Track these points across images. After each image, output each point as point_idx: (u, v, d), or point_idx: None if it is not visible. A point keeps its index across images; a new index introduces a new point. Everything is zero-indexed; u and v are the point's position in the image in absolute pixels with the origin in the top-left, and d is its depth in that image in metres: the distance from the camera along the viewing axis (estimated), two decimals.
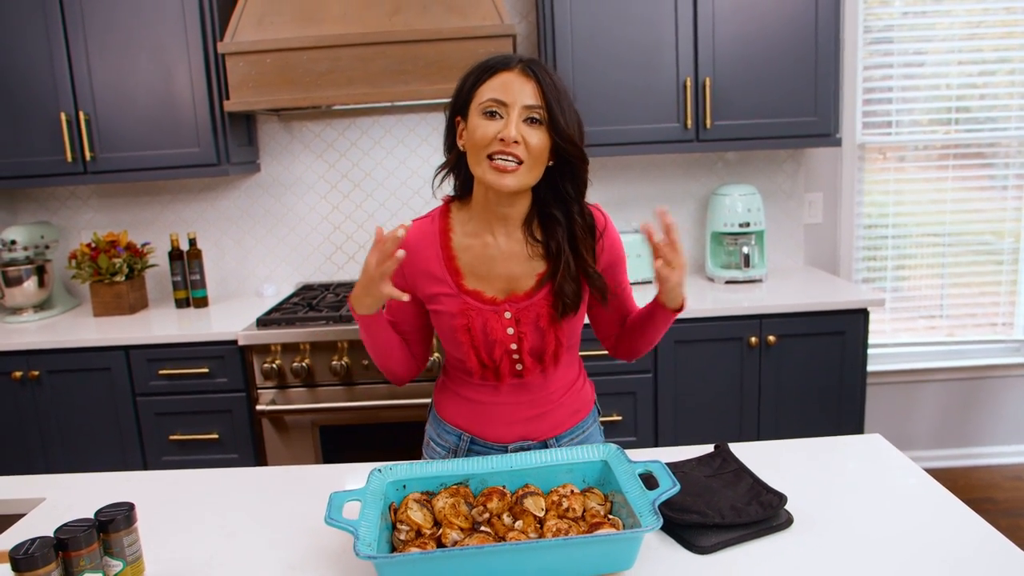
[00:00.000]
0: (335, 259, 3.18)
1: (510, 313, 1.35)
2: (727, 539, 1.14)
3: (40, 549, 1.01)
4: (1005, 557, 1.09)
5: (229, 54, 2.56)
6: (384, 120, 3.07)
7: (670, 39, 2.68)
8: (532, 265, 1.37)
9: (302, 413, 2.56)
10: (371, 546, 1.03)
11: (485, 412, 1.44)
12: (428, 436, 1.57)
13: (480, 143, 1.25)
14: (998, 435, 3.38)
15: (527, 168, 1.25)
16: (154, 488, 1.45)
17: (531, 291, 1.36)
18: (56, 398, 2.61)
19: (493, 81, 1.26)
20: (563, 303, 1.33)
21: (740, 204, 2.89)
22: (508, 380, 1.40)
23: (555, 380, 1.45)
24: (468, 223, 1.37)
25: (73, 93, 2.69)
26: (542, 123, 1.25)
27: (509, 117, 1.23)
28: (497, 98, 1.24)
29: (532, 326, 1.35)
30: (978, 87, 3.18)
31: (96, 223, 3.14)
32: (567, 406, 1.48)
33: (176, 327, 2.68)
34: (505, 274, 1.36)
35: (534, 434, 1.45)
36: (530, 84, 1.25)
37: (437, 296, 1.37)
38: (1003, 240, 3.29)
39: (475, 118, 1.26)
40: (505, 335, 1.35)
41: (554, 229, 1.34)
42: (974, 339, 3.34)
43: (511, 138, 1.22)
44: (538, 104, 1.24)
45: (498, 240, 1.36)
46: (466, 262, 1.36)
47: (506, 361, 1.37)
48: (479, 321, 1.34)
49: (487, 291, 1.36)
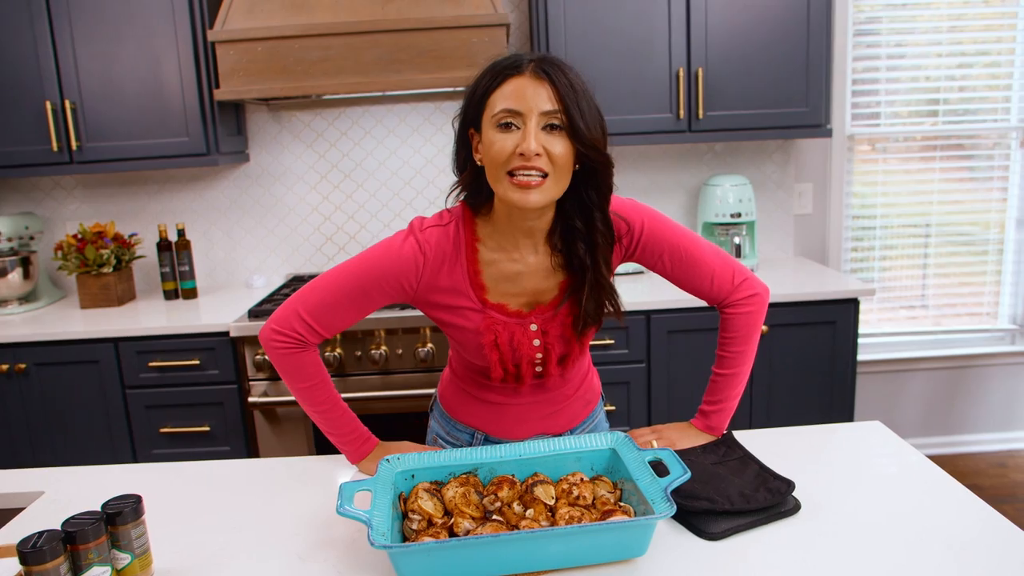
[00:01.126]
0: (325, 250, 3.16)
1: (536, 325, 1.30)
2: (736, 525, 1.15)
3: (48, 542, 0.99)
4: (1008, 539, 1.11)
5: (219, 42, 2.52)
6: (375, 110, 3.05)
7: (663, 29, 2.68)
8: (555, 277, 1.30)
9: (295, 405, 2.54)
10: (385, 535, 1.02)
11: (502, 412, 1.43)
12: (435, 433, 1.55)
13: (498, 159, 1.14)
14: (983, 423, 3.44)
15: (553, 180, 1.15)
16: (155, 480, 1.44)
17: (555, 301, 1.31)
18: (44, 391, 2.57)
19: (504, 88, 1.15)
20: (585, 321, 1.28)
21: (731, 195, 2.90)
22: (528, 382, 1.38)
23: (572, 378, 1.44)
24: (492, 237, 1.28)
25: (59, 81, 2.64)
26: (563, 128, 1.14)
27: (526, 128, 1.12)
28: (511, 108, 1.13)
29: (559, 337, 1.31)
30: (962, 79, 3.22)
31: (82, 214, 3.10)
32: (580, 399, 1.48)
33: (165, 319, 2.65)
34: (530, 288, 1.30)
35: (550, 429, 1.46)
36: (544, 87, 1.13)
37: (459, 310, 1.29)
38: (988, 231, 3.34)
39: (489, 132, 1.16)
40: (531, 347, 1.31)
41: (575, 242, 1.25)
42: (959, 328, 3.39)
43: (532, 151, 1.12)
44: (556, 108, 1.13)
45: (524, 255, 1.28)
46: (491, 276, 1.28)
47: (529, 370, 1.35)
48: (506, 335, 1.28)
49: (511, 304, 1.30)
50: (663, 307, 2.57)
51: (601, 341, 2.58)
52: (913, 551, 1.09)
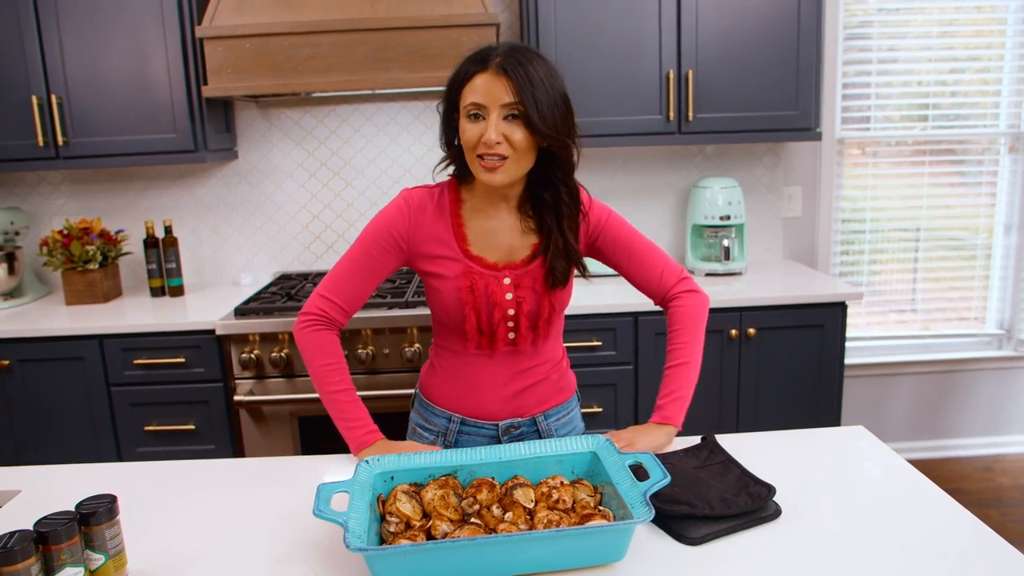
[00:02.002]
0: (313, 248, 3.14)
1: (509, 279, 1.42)
2: (717, 530, 1.14)
3: (19, 543, 0.98)
4: (990, 547, 1.11)
5: (207, 38, 2.51)
6: (364, 108, 3.04)
7: (653, 31, 2.68)
8: (528, 238, 1.45)
9: (280, 404, 2.53)
10: (361, 538, 1.01)
11: (476, 385, 1.48)
12: (414, 423, 1.59)
13: (468, 144, 1.33)
14: (969, 427, 3.45)
15: (513, 162, 1.32)
16: (134, 480, 1.42)
17: (526, 260, 1.45)
18: (27, 388, 2.55)
19: (474, 83, 1.31)
20: (554, 277, 1.42)
21: (721, 197, 2.90)
22: (502, 347, 1.45)
23: (543, 352, 1.51)
24: (473, 198, 1.45)
25: (45, 76, 2.62)
26: (522, 117, 1.30)
27: (489, 119, 1.29)
28: (477, 102, 1.30)
29: (529, 290, 1.43)
30: (951, 84, 3.22)
31: (68, 209, 3.07)
32: (552, 381, 1.54)
33: (151, 316, 2.63)
34: (506, 244, 1.44)
35: (523, 409, 1.50)
36: (503, 82, 1.29)
37: (440, 259, 1.42)
38: (976, 236, 3.35)
39: (462, 120, 1.34)
40: (504, 299, 1.42)
41: (543, 210, 1.42)
42: (947, 333, 3.39)
43: (492, 141, 1.29)
44: (515, 100, 1.29)
45: (500, 215, 1.44)
46: (472, 229, 1.44)
47: (502, 327, 1.43)
48: (481, 283, 1.41)
49: (489, 257, 1.43)
50: (650, 309, 2.56)
51: (588, 343, 2.57)
52: (893, 557, 1.09)
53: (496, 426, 1.50)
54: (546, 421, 1.53)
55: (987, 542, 1.12)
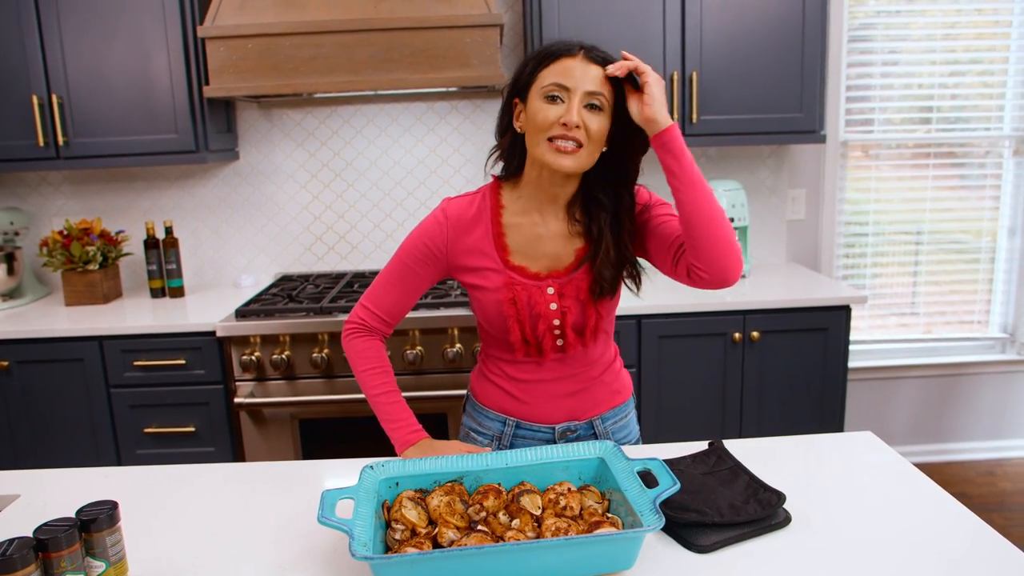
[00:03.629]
0: (315, 250, 3.13)
1: (553, 288, 1.38)
2: (726, 538, 1.13)
3: (19, 550, 0.97)
4: (1001, 554, 1.09)
5: (209, 38, 2.49)
6: (366, 109, 3.02)
7: (657, 33, 2.67)
8: (573, 243, 1.40)
9: (281, 406, 2.51)
10: (367, 546, 1.00)
11: (528, 391, 1.46)
12: (466, 427, 1.57)
13: (541, 126, 1.27)
14: (972, 431, 3.43)
15: (586, 151, 1.28)
16: (135, 485, 1.41)
17: (571, 267, 1.40)
18: (27, 390, 2.53)
19: (555, 66, 1.28)
20: (600, 287, 1.37)
21: (724, 199, 2.88)
22: (550, 355, 1.42)
23: (594, 355, 1.47)
24: (517, 201, 1.40)
25: (46, 75, 2.61)
26: (602, 109, 1.28)
27: (571, 102, 1.26)
28: (559, 82, 1.26)
29: (574, 299, 1.38)
30: (955, 87, 3.21)
31: (68, 210, 3.06)
32: (607, 384, 1.50)
33: (152, 317, 2.61)
34: (550, 252, 1.40)
35: (578, 412, 1.48)
36: (593, 69, 1.27)
37: (481, 270, 1.39)
38: (979, 239, 3.33)
39: (536, 101, 1.29)
40: (548, 310, 1.38)
41: (597, 213, 1.37)
42: (950, 336, 3.38)
43: (573, 123, 1.25)
44: (600, 91, 1.27)
45: (546, 219, 1.39)
46: (514, 239, 1.39)
47: (548, 337, 1.40)
48: (524, 295, 1.37)
49: (531, 267, 1.39)
50: (654, 312, 2.55)
51: None
52: (905, 565, 1.07)
53: (552, 429, 1.47)
54: (603, 424, 1.50)
55: (997, 548, 1.11)
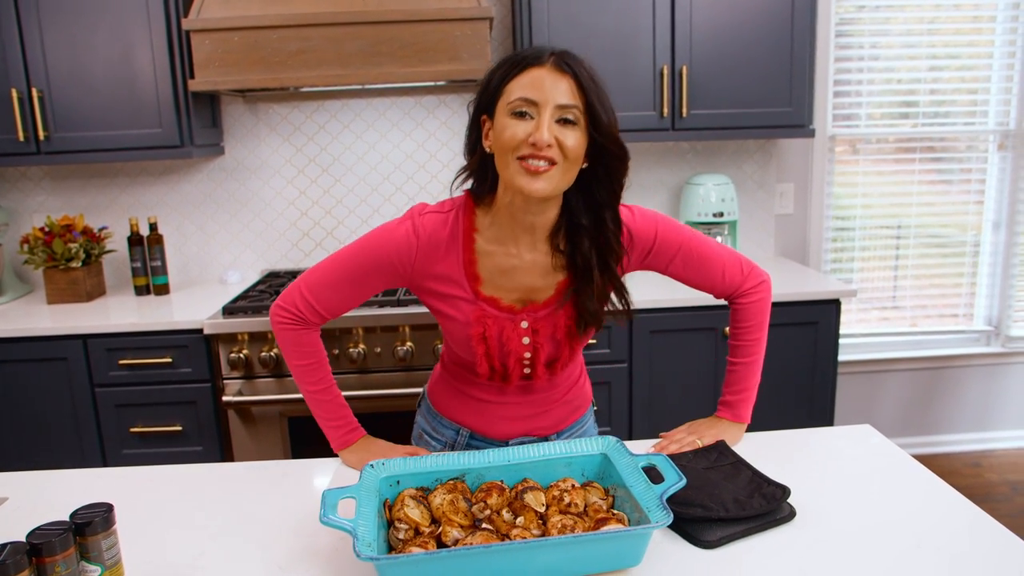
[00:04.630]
0: (301, 245, 3.09)
1: (527, 323, 1.28)
2: (732, 533, 1.12)
3: (12, 555, 0.94)
4: (1004, 545, 1.09)
5: (194, 31, 2.45)
6: (354, 103, 2.99)
7: (647, 26, 2.66)
8: (554, 276, 1.28)
9: (270, 404, 2.48)
10: (371, 546, 0.98)
11: (488, 410, 1.41)
12: (420, 428, 1.53)
13: (508, 145, 1.14)
14: (958, 423, 3.47)
15: (561, 171, 1.15)
16: (126, 486, 1.38)
17: (550, 301, 1.29)
18: (9, 390, 2.48)
19: (522, 78, 1.15)
20: (585, 321, 1.27)
21: (714, 194, 2.89)
22: (515, 383, 1.36)
23: (561, 382, 1.42)
24: (491, 228, 1.27)
25: (25, 68, 2.55)
26: (576, 123, 1.15)
27: (540, 118, 1.13)
28: (527, 97, 1.14)
29: (549, 337, 1.29)
30: (941, 82, 3.23)
31: (49, 206, 3.00)
32: (569, 404, 1.46)
33: (137, 315, 2.57)
34: (525, 284, 1.28)
35: (536, 430, 1.43)
36: (565, 80, 1.14)
37: (451, 299, 1.29)
38: (965, 233, 3.36)
39: (503, 118, 1.16)
40: (520, 345, 1.29)
41: (581, 240, 1.23)
42: (936, 330, 3.41)
43: (544, 142, 1.12)
44: (573, 103, 1.14)
45: (521, 251, 1.26)
46: (486, 268, 1.27)
47: (517, 369, 1.32)
48: (495, 329, 1.26)
49: (504, 299, 1.28)
50: (645, 307, 2.54)
51: None
52: (910, 556, 1.07)
53: (506, 442, 1.42)
54: (559, 438, 1.45)
55: (1002, 540, 1.11)
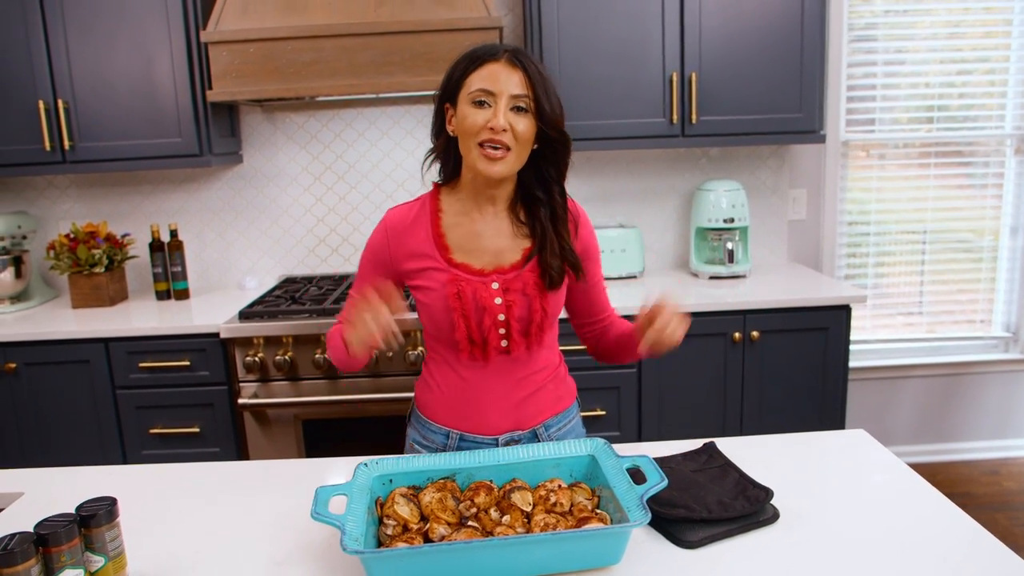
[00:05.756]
0: (318, 252, 3.15)
1: (498, 284, 1.40)
2: (713, 534, 1.14)
3: (19, 545, 0.99)
4: (989, 550, 1.11)
5: (212, 43, 2.52)
6: (368, 112, 3.05)
7: (656, 33, 2.68)
8: (518, 242, 1.43)
9: (285, 407, 2.54)
10: (358, 541, 1.02)
11: (473, 398, 1.44)
12: (411, 440, 1.54)
13: (470, 131, 1.31)
14: (976, 431, 3.43)
15: (514, 154, 1.33)
16: (137, 482, 1.43)
17: (517, 264, 1.42)
18: (34, 391, 2.57)
19: (481, 71, 1.32)
20: (550, 276, 1.40)
21: (724, 200, 2.89)
22: (495, 356, 1.42)
23: (539, 359, 1.47)
24: (456, 204, 1.44)
25: (52, 80, 2.64)
26: (527, 111, 1.33)
27: (497, 106, 1.30)
28: (485, 88, 1.31)
29: (519, 294, 1.40)
30: (957, 86, 3.21)
31: (75, 213, 3.10)
32: (551, 390, 1.50)
33: (157, 319, 2.64)
34: (492, 248, 1.42)
35: (522, 421, 1.46)
36: (517, 74, 1.31)
37: (425, 271, 1.41)
38: (982, 238, 3.33)
39: (464, 107, 1.33)
40: (493, 304, 1.39)
41: (537, 210, 1.42)
42: (953, 336, 3.38)
43: (500, 127, 1.29)
44: (524, 93, 1.31)
45: (485, 218, 1.43)
46: (454, 238, 1.42)
47: (493, 333, 1.40)
48: (469, 289, 1.38)
49: (474, 264, 1.41)
50: None
51: None
52: (891, 561, 1.09)
53: (495, 440, 1.45)
54: (547, 432, 1.48)
55: (986, 546, 1.12)
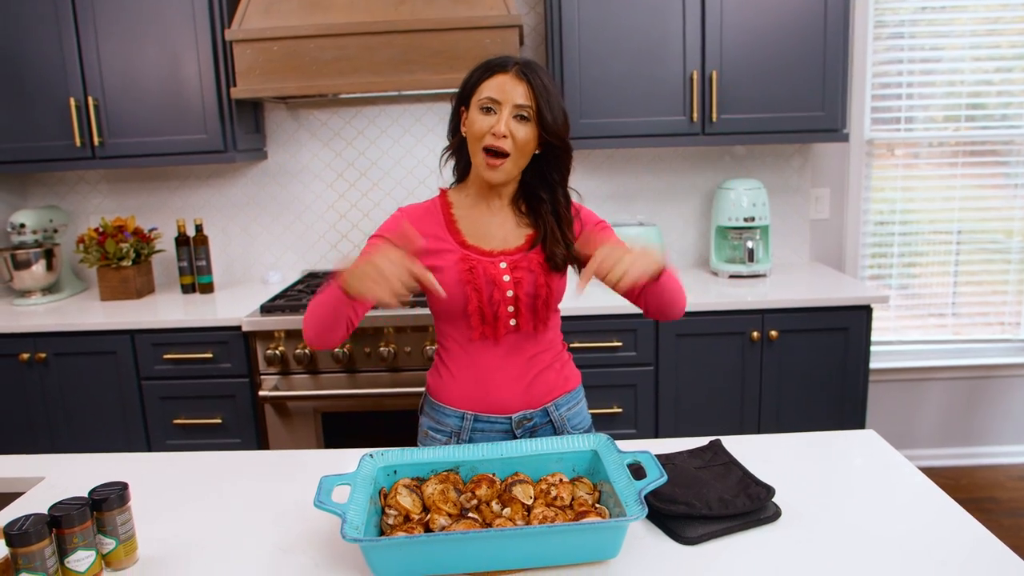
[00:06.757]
0: (340, 247, 3.19)
1: (505, 263, 1.51)
2: (713, 530, 1.15)
3: (34, 525, 1.03)
4: (992, 554, 1.09)
5: (236, 41, 2.57)
6: (390, 109, 3.08)
7: (677, 31, 2.67)
8: (522, 230, 1.55)
9: (304, 399, 2.58)
10: (359, 529, 1.04)
11: (486, 377, 1.51)
12: (424, 427, 1.60)
13: (476, 134, 1.45)
14: (1002, 434, 3.37)
15: (512, 160, 1.45)
16: (152, 469, 1.47)
17: (523, 247, 1.53)
18: (62, 381, 2.64)
19: (491, 81, 1.45)
20: (554, 262, 1.51)
21: (745, 198, 2.88)
22: (504, 332, 1.50)
23: (545, 339, 1.56)
24: (466, 199, 1.57)
25: (82, 78, 2.71)
26: (529, 119, 1.44)
27: (501, 114, 1.43)
28: (493, 96, 1.44)
29: (526, 272, 1.50)
30: (995, 84, 3.15)
31: (104, 208, 3.17)
32: (558, 370, 1.58)
33: (182, 312, 2.70)
34: (499, 235, 1.54)
35: (533, 399, 1.53)
36: (522, 86, 1.44)
37: (438, 252, 1.50)
38: (1012, 239, 3.27)
39: (474, 112, 1.46)
40: (502, 281, 1.49)
41: (539, 207, 1.54)
42: (979, 338, 3.32)
43: (500, 132, 1.42)
44: (527, 104, 1.43)
45: (492, 209, 1.55)
46: (465, 226, 1.54)
47: (503, 309, 1.49)
48: (480, 267, 1.49)
49: (484, 246, 1.52)
50: None
51: (608, 343, 2.57)
52: (891, 562, 1.08)
53: (509, 419, 1.51)
54: (557, 411, 1.55)
55: (990, 549, 1.11)
